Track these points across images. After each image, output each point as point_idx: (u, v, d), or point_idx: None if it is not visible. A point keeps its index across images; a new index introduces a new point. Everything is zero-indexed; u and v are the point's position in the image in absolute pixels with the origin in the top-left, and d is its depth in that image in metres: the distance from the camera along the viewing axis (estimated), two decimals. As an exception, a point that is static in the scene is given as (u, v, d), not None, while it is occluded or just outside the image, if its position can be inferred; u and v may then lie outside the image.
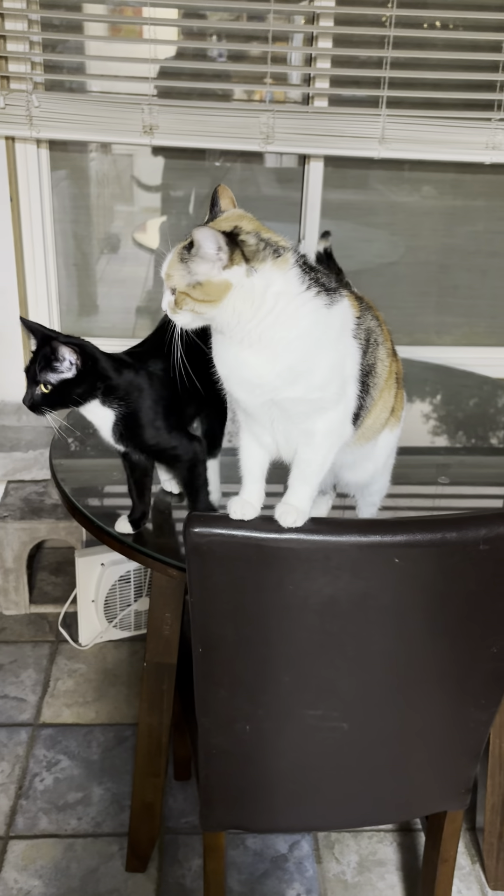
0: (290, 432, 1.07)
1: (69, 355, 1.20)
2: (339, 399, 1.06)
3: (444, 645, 1.12)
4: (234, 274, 0.95)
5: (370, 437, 1.19)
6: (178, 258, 0.97)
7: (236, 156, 2.44)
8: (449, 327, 2.70)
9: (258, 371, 1.00)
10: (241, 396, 1.04)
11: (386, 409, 1.18)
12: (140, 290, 2.64)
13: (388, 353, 1.17)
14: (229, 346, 1.01)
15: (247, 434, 1.11)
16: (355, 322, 1.07)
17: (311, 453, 1.07)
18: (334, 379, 1.04)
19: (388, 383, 1.17)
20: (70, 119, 2.13)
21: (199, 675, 1.12)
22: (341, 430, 1.09)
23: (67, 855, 1.66)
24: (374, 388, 1.13)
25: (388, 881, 1.64)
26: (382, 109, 2.16)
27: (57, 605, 2.33)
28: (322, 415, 1.05)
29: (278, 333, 0.98)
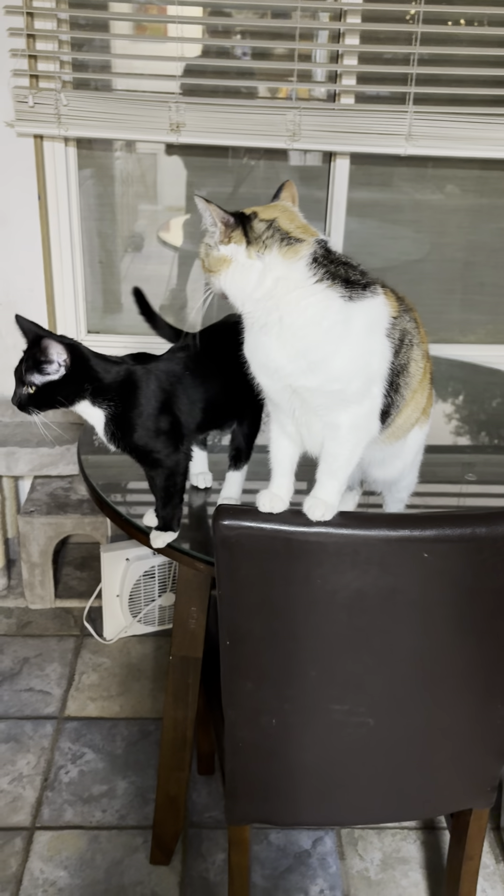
0: (312, 424, 1.08)
1: (59, 355, 1.19)
2: (364, 395, 1.06)
3: (471, 641, 1.11)
4: (232, 251, 1.02)
5: (400, 435, 1.19)
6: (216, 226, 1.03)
7: (260, 154, 2.45)
8: (474, 325, 2.69)
9: (273, 356, 1.03)
10: (263, 381, 1.07)
11: (418, 409, 1.18)
12: (164, 288, 2.65)
13: (424, 355, 1.16)
14: (252, 331, 1.05)
15: (276, 426, 1.12)
16: (390, 321, 1.07)
17: (337, 447, 1.07)
18: (357, 374, 1.04)
19: (423, 384, 1.17)
20: (98, 117, 2.15)
21: (226, 668, 1.13)
22: (367, 426, 1.09)
23: (92, 846, 1.67)
24: (406, 387, 1.13)
25: (412, 879, 1.63)
26: (409, 106, 2.15)
27: (82, 600, 2.35)
28: (345, 409, 1.05)
29: (288, 320, 1.01)
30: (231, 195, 2.52)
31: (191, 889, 1.59)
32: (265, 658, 1.12)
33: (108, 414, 1.24)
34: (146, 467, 1.29)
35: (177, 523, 1.30)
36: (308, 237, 1.03)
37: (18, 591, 2.38)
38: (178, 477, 1.28)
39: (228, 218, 1.02)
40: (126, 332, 2.62)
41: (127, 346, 2.57)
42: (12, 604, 2.35)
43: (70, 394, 1.22)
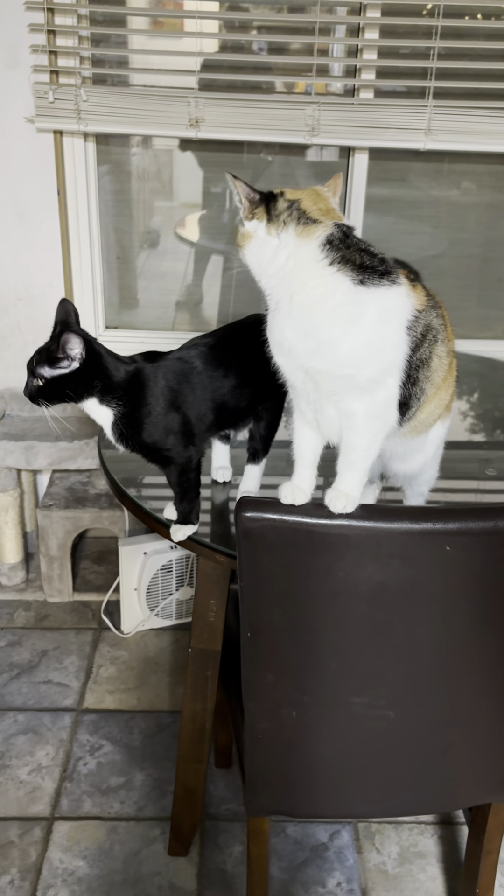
0: (326, 409, 1.08)
1: (74, 349, 1.19)
2: (378, 385, 1.05)
3: (492, 635, 1.11)
4: (254, 226, 1.06)
5: (422, 430, 1.18)
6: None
7: (276, 149, 2.45)
8: (492, 321, 2.68)
9: (286, 333, 1.05)
10: (279, 360, 1.09)
11: (441, 406, 1.18)
12: (179, 284, 2.66)
13: (449, 353, 1.16)
14: (271, 309, 1.08)
15: (298, 416, 1.13)
16: (413, 314, 1.06)
17: (354, 437, 1.07)
18: (367, 361, 1.03)
19: (447, 382, 1.17)
20: (117, 113, 2.16)
21: (246, 660, 1.13)
22: (384, 417, 1.08)
23: (111, 837, 1.68)
24: (427, 381, 1.12)
25: (430, 873, 1.63)
26: (429, 100, 2.14)
27: (100, 594, 2.37)
28: (359, 397, 1.05)
29: (297, 299, 1.03)
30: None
31: (208, 880, 1.60)
32: (286, 650, 1.12)
33: (116, 413, 1.24)
34: (158, 465, 1.30)
35: (195, 516, 1.30)
36: (327, 220, 1.04)
37: (37, 584, 2.40)
38: (191, 473, 1.28)
39: (253, 195, 1.06)
40: (143, 327, 2.63)
41: (144, 341, 2.58)
42: (31, 597, 2.37)
43: (79, 389, 1.22)
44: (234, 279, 2.63)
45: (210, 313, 2.68)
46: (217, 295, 2.67)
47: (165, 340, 2.64)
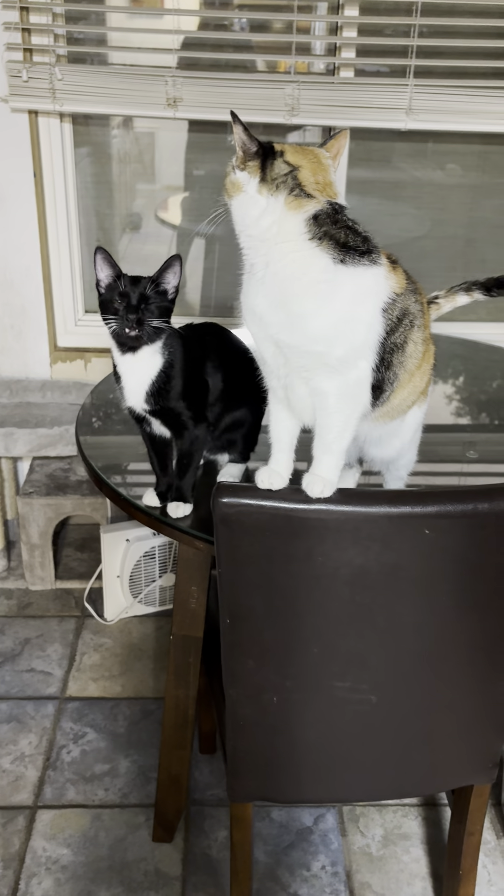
0: (297, 386, 1.06)
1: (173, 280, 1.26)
2: (349, 364, 1.04)
3: (474, 617, 1.11)
4: (244, 179, 1.03)
5: (396, 415, 1.17)
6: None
7: (259, 130, 2.41)
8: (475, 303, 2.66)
9: (258, 300, 1.03)
10: (249, 327, 1.07)
11: (415, 392, 1.17)
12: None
13: (425, 340, 1.15)
14: (246, 272, 1.06)
15: (274, 399, 1.11)
16: (390, 296, 1.05)
17: (328, 419, 1.05)
18: (340, 340, 1.02)
19: (422, 369, 1.15)
20: (93, 92, 2.12)
21: (226, 647, 1.12)
22: (357, 397, 1.06)
23: (95, 824, 1.68)
24: (401, 367, 1.11)
25: (413, 854, 1.64)
26: (410, 79, 2.12)
27: (82, 581, 2.35)
28: (330, 376, 1.03)
29: (273, 268, 1.01)
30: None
31: (194, 866, 1.60)
32: (266, 636, 1.11)
33: (164, 363, 1.26)
34: (173, 430, 1.30)
35: (191, 495, 1.31)
36: (321, 196, 1.02)
37: (19, 572, 2.38)
38: (199, 443, 1.31)
39: (251, 145, 1.03)
40: (124, 311, 2.60)
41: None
42: (13, 585, 2.35)
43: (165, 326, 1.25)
44: (216, 262, 2.60)
45: (193, 297, 2.65)
46: (200, 279, 2.64)
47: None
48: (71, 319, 2.49)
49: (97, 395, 1.75)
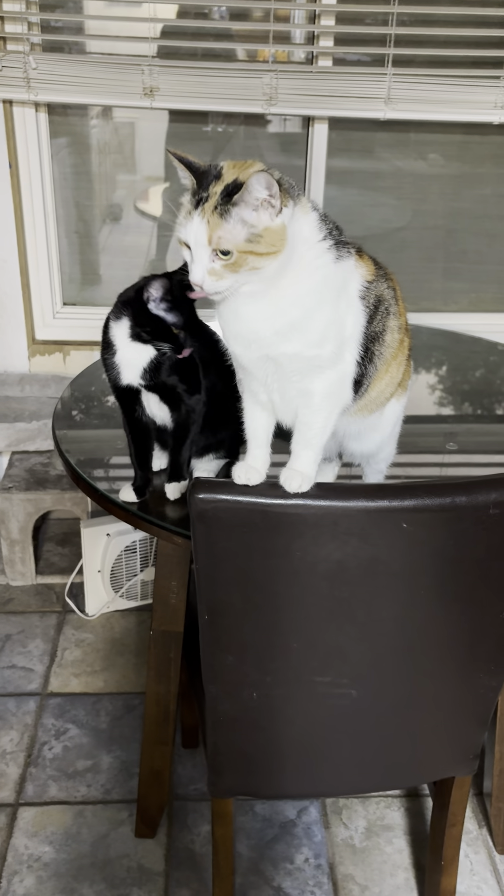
0: (287, 391, 1.05)
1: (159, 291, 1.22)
2: (337, 359, 1.03)
3: (453, 611, 1.10)
4: (286, 216, 0.91)
5: (375, 409, 1.17)
6: (218, 214, 0.90)
7: (240, 120, 2.39)
8: (456, 294, 2.67)
9: (255, 326, 0.98)
10: (238, 351, 1.02)
11: (393, 384, 1.16)
12: (143, 259, 2.61)
13: (401, 328, 1.14)
14: (230, 298, 0.97)
15: (249, 397, 1.10)
16: (364, 284, 1.04)
17: (311, 416, 1.05)
18: (330, 337, 1.01)
19: (398, 359, 1.14)
20: (68, 81, 2.09)
21: (205, 643, 1.11)
22: (340, 393, 1.06)
23: (77, 821, 1.67)
24: (379, 357, 1.10)
25: (396, 845, 1.64)
26: (388, 68, 2.10)
27: (63, 576, 2.33)
28: (319, 375, 1.02)
29: (287, 287, 0.95)
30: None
31: (176, 861, 1.60)
32: (245, 631, 1.11)
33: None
34: (169, 402, 1.29)
35: (187, 472, 1.31)
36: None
37: (-1, 568, 2.36)
38: (195, 415, 1.29)
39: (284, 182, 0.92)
40: (104, 303, 2.57)
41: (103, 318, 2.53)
42: (-7, 581, 2.33)
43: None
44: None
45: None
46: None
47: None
48: (49, 312, 2.47)
49: (76, 388, 1.73)
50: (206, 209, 0.90)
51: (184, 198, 0.93)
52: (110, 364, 1.28)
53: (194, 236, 0.91)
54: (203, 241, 0.90)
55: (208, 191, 0.91)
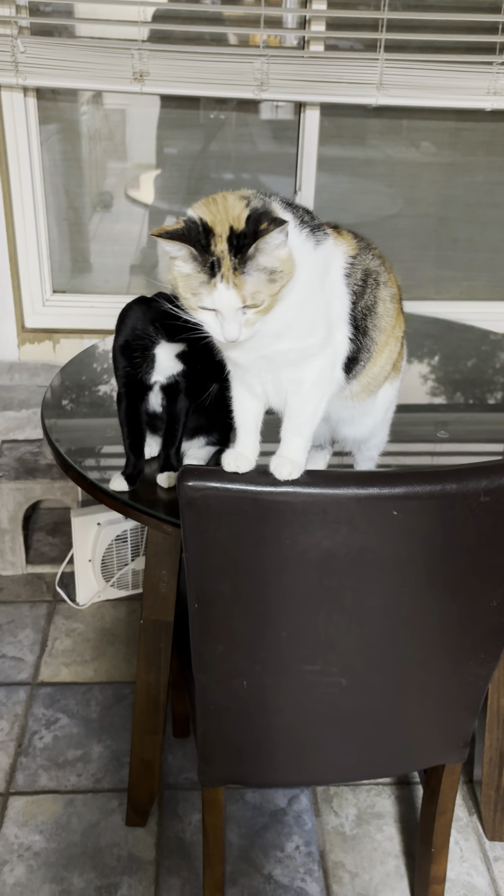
0: (280, 381, 1.04)
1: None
2: (326, 343, 1.02)
3: (443, 599, 1.10)
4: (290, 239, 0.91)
5: (374, 389, 1.16)
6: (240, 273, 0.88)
7: (231, 107, 2.37)
8: (448, 282, 2.66)
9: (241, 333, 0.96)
10: (234, 355, 1.02)
11: (390, 361, 1.15)
12: (134, 247, 2.59)
13: (394, 297, 1.13)
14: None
15: (239, 385, 1.09)
16: (348, 261, 1.04)
17: (301, 403, 1.04)
18: (319, 323, 1.00)
19: (395, 331, 1.13)
20: (57, 66, 2.06)
21: (195, 632, 1.11)
22: (330, 378, 1.06)
23: (68, 810, 1.66)
24: (376, 330, 1.09)
25: (387, 833, 1.65)
26: (380, 54, 2.09)
27: (54, 566, 2.32)
28: (310, 362, 1.02)
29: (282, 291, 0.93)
30: (201, 151, 2.45)
31: (167, 849, 1.60)
32: (235, 620, 1.10)
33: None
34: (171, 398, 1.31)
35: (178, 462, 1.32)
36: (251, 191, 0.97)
37: (-11, 557, 2.34)
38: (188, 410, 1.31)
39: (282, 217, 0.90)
40: (94, 291, 2.56)
41: (94, 306, 2.51)
42: (-17, 571, 2.32)
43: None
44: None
45: (164, 277, 2.61)
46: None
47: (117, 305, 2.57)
48: (39, 300, 2.45)
49: (66, 377, 1.72)
50: (226, 275, 0.88)
51: (178, 268, 0.90)
52: (138, 363, 1.28)
53: (225, 304, 0.89)
54: (236, 305, 0.89)
55: (212, 253, 0.88)
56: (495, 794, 1.62)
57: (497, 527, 1.03)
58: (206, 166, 2.47)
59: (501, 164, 2.49)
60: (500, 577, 1.08)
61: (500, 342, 2.01)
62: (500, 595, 1.10)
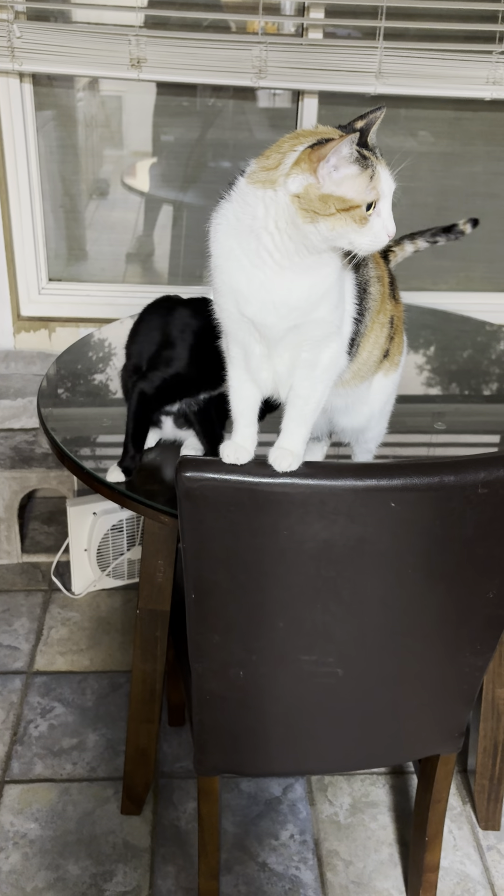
0: (295, 363, 1.02)
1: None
2: (342, 323, 1.03)
3: (440, 590, 1.10)
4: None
5: (365, 375, 1.15)
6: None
7: (228, 95, 2.35)
8: (446, 273, 2.65)
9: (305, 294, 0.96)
10: (271, 321, 0.97)
11: (378, 346, 1.14)
12: (130, 235, 2.57)
13: (380, 279, 1.13)
14: (259, 270, 0.95)
15: (242, 373, 1.06)
16: None
17: (310, 389, 1.03)
18: (343, 296, 1.02)
19: (379, 317, 1.13)
20: (54, 51, 2.04)
21: (192, 622, 1.11)
22: (339, 362, 1.06)
23: (63, 798, 1.67)
24: (369, 311, 1.09)
25: (381, 822, 1.66)
26: (380, 42, 2.07)
27: (49, 555, 2.32)
28: (327, 344, 1.02)
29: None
30: (198, 140, 2.43)
31: (162, 837, 1.60)
32: (232, 610, 1.10)
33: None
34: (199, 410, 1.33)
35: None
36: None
37: (-16, 546, 2.34)
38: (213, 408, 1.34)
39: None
40: (90, 279, 2.54)
41: (91, 294, 2.50)
42: (-22, 559, 2.32)
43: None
44: (184, 230, 2.55)
45: (160, 266, 2.60)
46: (168, 247, 2.59)
47: (114, 294, 2.57)
48: (34, 288, 2.44)
49: (61, 366, 1.71)
50: (379, 158, 0.94)
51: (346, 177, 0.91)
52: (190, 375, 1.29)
53: (390, 184, 0.94)
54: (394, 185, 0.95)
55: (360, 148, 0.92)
56: (489, 784, 1.63)
57: (494, 518, 1.03)
58: (203, 154, 2.46)
59: (500, 154, 2.48)
60: (497, 569, 1.09)
61: (496, 333, 2.01)
62: (496, 586, 1.10)
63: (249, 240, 0.93)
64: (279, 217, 0.91)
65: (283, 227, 0.91)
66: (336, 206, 0.89)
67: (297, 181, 0.90)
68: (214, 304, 1.02)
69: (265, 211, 0.92)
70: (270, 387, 1.06)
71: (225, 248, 0.96)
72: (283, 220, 0.91)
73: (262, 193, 0.92)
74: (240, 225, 0.94)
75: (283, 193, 0.90)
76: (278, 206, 0.91)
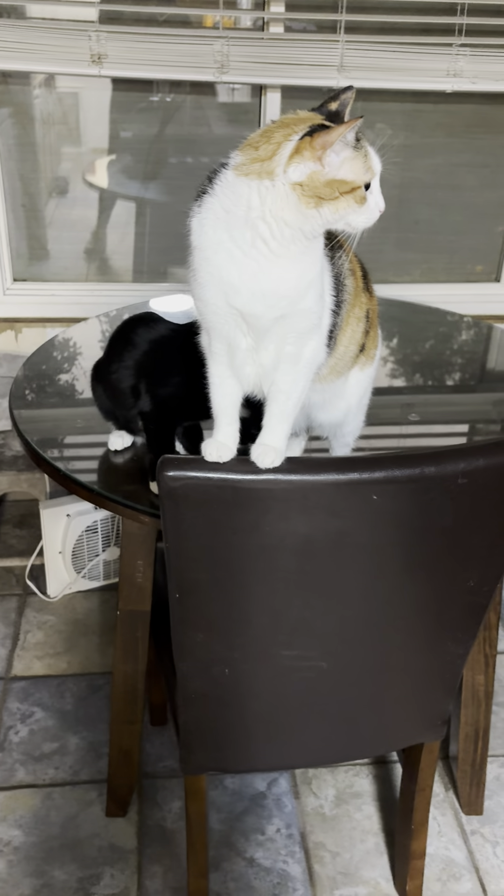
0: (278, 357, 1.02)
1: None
2: (322, 315, 1.04)
3: (421, 580, 1.11)
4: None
5: (341, 371, 1.16)
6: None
7: (187, 90, 2.34)
8: (409, 265, 2.67)
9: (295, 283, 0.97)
10: (259, 311, 0.97)
11: (354, 342, 1.15)
12: (91, 233, 2.55)
13: (353, 272, 1.13)
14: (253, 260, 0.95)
15: (222, 370, 1.05)
16: None
17: (292, 384, 1.03)
18: (324, 288, 1.02)
19: (355, 310, 1.13)
20: (11, 48, 2.01)
21: (176, 621, 1.10)
22: (320, 355, 1.07)
23: (46, 804, 1.65)
24: (344, 304, 1.10)
25: (366, 812, 1.67)
26: (341, 35, 2.07)
27: (23, 558, 2.29)
28: (311, 337, 1.02)
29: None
30: (157, 135, 2.41)
31: (148, 838, 1.60)
32: (215, 608, 1.10)
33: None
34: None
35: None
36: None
37: (-45, 552, 2.31)
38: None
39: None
40: (53, 279, 2.51)
41: (56, 294, 2.47)
42: (-50, 566, 2.28)
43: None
44: (147, 227, 2.53)
45: (124, 264, 2.58)
46: (131, 244, 2.57)
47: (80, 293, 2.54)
48: (-1, 289, 2.40)
49: (30, 368, 1.69)
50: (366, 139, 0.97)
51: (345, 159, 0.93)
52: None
53: (378, 165, 0.97)
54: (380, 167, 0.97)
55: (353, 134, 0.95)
56: (471, 769, 1.65)
57: (474, 508, 1.04)
58: (163, 150, 2.44)
59: (461, 145, 2.50)
60: (477, 558, 1.10)
61: (459, 323, 2.03)
62: (476, 575, 1.12)
63: (244, 230, 0.93)
64: (276, 205, 0.92)
65: (281, 215, 0.92)
66: (339, 189, 0.91)
67: (300, 170, 0.91)
68: (196, 300, 1.02)
69: (261, 201, 0.92)
70: (253, 382, 1.06)
71: (213, 240, 0.95)
72: (282, 207, 0.92)
73: (256, 184, 0.92)
74: (230, 217, 0.94)
75: (283, 183, 0.91)
76: (276, 195, 0.92)
